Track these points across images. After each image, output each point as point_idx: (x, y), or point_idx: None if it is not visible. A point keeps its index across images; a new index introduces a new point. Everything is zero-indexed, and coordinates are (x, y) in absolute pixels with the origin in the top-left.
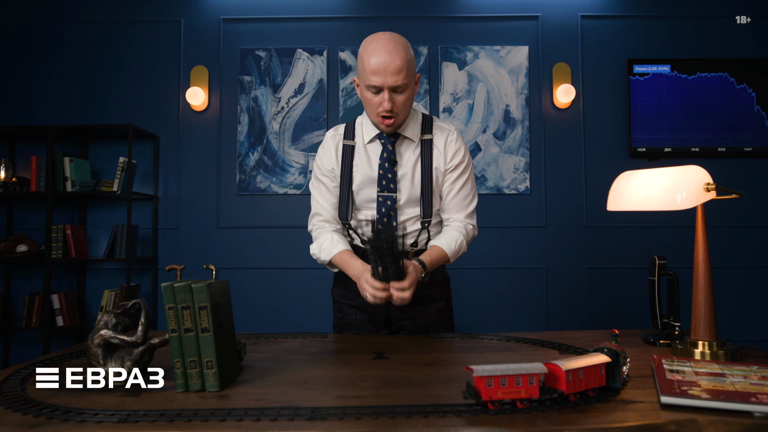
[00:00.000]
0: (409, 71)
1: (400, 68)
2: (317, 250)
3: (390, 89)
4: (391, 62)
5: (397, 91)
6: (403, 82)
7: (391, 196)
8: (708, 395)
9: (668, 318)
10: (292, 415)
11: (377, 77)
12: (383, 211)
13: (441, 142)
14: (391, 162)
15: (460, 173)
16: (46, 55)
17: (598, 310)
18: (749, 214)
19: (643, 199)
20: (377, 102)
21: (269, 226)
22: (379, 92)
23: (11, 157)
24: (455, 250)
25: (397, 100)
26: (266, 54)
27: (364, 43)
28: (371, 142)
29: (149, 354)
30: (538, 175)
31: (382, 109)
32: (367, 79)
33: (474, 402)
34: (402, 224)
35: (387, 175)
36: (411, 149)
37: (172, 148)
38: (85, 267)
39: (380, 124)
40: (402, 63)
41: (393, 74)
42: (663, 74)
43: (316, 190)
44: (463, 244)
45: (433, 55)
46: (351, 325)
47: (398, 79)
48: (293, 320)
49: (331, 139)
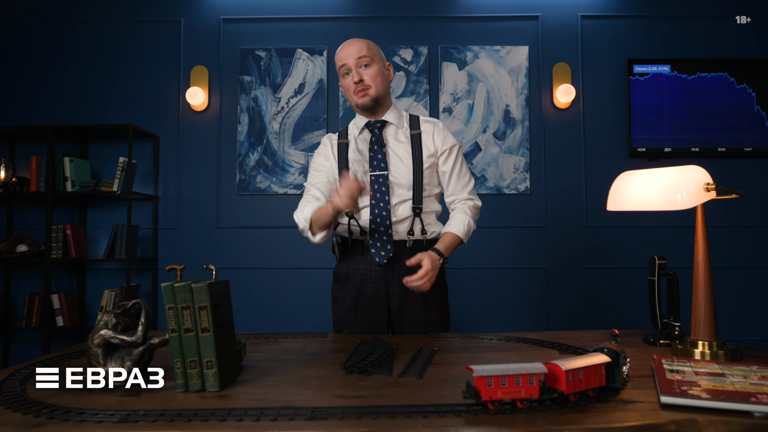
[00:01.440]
0: (371, 51)
1: (360, 48)
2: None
3: (356, 66)
4: (352, 45)
5: (363, 65)
6: (366, 55)
7: (383, 174)
8: (708, 395)
9: (668, 318)
10: (292, 415)
11: (342, 60)
12: (376, 188)
13: (429, 133)
14: (379, 144)
15: (455, 156)
16: (46, 55)
17: (598, 310)
18: (749, 214)
19: (643, 199)
20: (348, 82)
21: (269, 226)
22: (348, 73)
23: (11, 157)
24: (465, 231)
25: (365, 73)
26: (266, 54)
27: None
28: (361, 133)
29: (149, 354)
30: (538, 175)
31: (354, 84)
32: (338, 69)
33: (474, 402)
34: (394, 206)
35: (377, 156)
36: (397, 135)
37: (172, 148)
38: (85, 267)
39: (357, 99)
40: (362, 45)
41: (355, 53)
42: (663, 74)
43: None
44: (470, 223)
45: (433, 55)
46: (350, 323)
47: (360, 54)
48: (293, 320)
49: (327, 139)
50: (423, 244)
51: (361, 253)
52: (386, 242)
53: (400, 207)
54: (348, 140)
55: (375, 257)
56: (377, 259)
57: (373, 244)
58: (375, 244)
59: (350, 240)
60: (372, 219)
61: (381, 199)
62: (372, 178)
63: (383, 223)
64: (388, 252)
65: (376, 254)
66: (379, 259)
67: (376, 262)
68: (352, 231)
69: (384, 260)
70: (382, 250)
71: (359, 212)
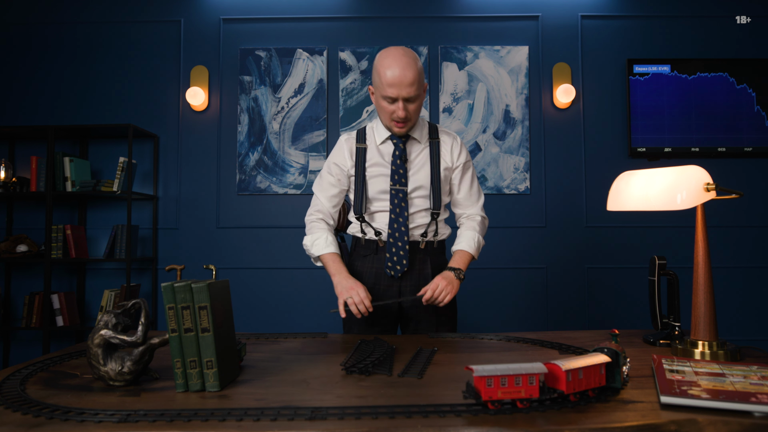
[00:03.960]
0: (420, 83)
1: (412, 81)
2: (309, 244)
3: (404, 99)
4: (405, 76)
5: (410, 100)
6: (415, 93)
7: (402, 189)
8: (708, 395)
9: (668, 318)
10: (292, 415)
11: (393, 89)
12: (395, 202)
13: (447, 145)
14: (402, 159)
15: (470, 171)
16: (46, 55)
17: (598, 310)
18: (749, 214)
19: (643, 199)
20: (392, 109)
21: (269, 226)
22: (394, 102)
23: (11, 157)
24: (476, 247)
25: (410, 108)
26: (266, 54)
27: (379, 56)
28: (384, 143)
29: (149, 354)
30: (538, 175)
31: (397, 117)
32: (384, 91)
33: (474, 402)
34: (412, 215)
35: (399, 171)
36: (419, 149)
37: (172, 148)
38: (85, 267)
39: (393, 127)
40: (414, 77)
41: (407, 87)
42: (663, 74)
43: (318, 186)
44: (480, 239)
45: (433, 55)
46: (361, 321)
47: (411, 91)
48: (293, 320)
49: (345, 142)
50: (434, 245)
51: (375, 253)
52: (402, 257)
53: (418, 216)
54: (366, 144)
55: (390, 270)
56: (392, 273)
57: (389, 257)
58: (391, 257)
59: (363, 240)
60: (390, 233)
61: (400, 214)
62: (393, 192)
63: (401, 238)
64: (403, 267)
65: (391, 268)
66: (394, 273)
67: (390, 275)
68: (365, 231)
69: (399, 274)
70: (398, 264)
71: (372, 216)
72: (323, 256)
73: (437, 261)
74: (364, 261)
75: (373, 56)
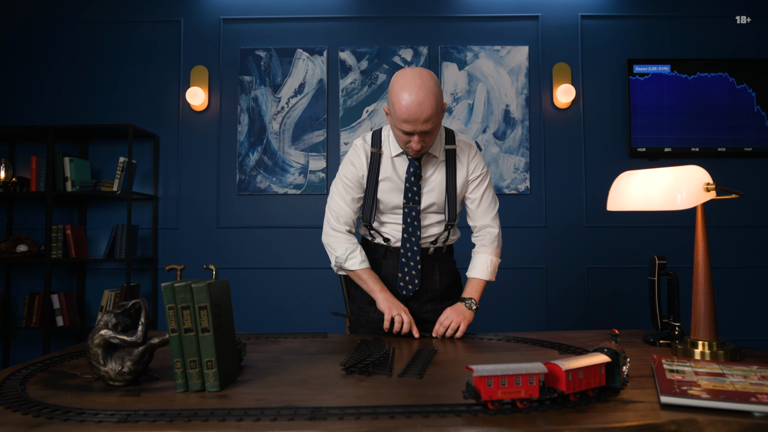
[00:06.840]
0: (438, 115)
1: (429, 117)
2: (343, 257)
3: (420, 133)
4: (422, 113)
5: (427, 132)
6: (432, 127)
7: (415, 207)
8: (708, 395)
9: (668, 318)
10: (292, 415)
11: (408, 125)
12: (408, 221)
13: (464, 155)
14: (416, 177)
15: (486, 183)
16: (46, 55)
17: (598, 310)
18: (749, 214)
19: (643, 199)
20: (407, 140)
21: (269, 226)
22: (410, 134)
23: (11, 157)
24: (490, 272)
25: (427, 140)
26: (266, 54)
27: (395, 82)
28: (398, 156)
29: (149, 354)
30: (538, 175)
31: (412, 149)
32: (399, 124)
33: (474, 402)
34: (425, 227)
35: (413, 188)
36: (435, 164)
37: (172, 148)
38: (85, 267)
39: (410, 153)
40: (431, 112)
41: (423, 123)
42: (663, 74)
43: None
44: (494, 261)
45: (433, 55)
46: (368, 322)
47: (427, 126)
48: (293, 320)
49: (361, 147)
50: (443, 250)
51: (383, 257)
52: (414, 276)
53: (432, 227)
54: (382, 151)
55: (402, 290)
56: (404, 292)
57: (401, 277)
58: (404, 277)
59: (372, 244)
60: (403, 252)
61: (413, 233)
62: (405, 211)
63: (413, 258)
64: (415, 286)
65: (404, 287)
66: (406, 293)
67: (402, 294)
68: (373, 236)
69: (410, 293)
70: (410, 284)
71: (383, 224)
72: (360, 272)
73: (446, 267)
74: (372, 265)
75: (373, 56)
